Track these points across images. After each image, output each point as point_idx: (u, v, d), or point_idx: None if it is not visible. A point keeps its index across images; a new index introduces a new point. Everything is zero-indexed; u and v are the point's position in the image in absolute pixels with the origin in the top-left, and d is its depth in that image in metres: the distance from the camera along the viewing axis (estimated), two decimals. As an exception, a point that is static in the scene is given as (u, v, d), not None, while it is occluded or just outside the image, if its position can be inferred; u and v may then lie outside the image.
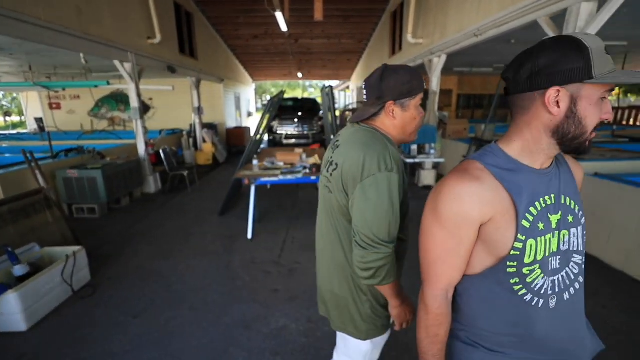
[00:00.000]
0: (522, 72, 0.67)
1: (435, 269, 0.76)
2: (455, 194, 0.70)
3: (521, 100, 0.70)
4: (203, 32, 8.41)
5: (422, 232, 0.77)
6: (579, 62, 0.62)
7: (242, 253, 3.39)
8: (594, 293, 2.62)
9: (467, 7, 4.26)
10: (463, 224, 0.70)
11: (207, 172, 7.37)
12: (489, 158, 0.73)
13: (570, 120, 0.66)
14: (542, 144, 0.70)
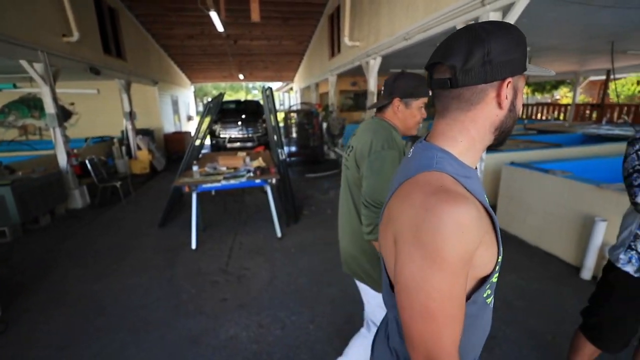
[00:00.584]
0: (474, 60, 0.56)
1: (448, 332, 0.54)
2: (460, 226, 0.51)
3: (470, 94, 0.59)
4: (131, 31, 7.77)
5: (414, 286, 0.53)
6: (523, 52, 0.58)
7: (186, 264, 3.21)
8: (514, 267, 2.97)
9: (397, 12, 4.54)
10: (468, 260, 0.54)
11: (143, 181, 6.83)
12: (450, 167, 0.60)
13: (511, 114, 0.62)
14: (485, 142, 0.64)
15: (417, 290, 0.53)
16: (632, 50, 6.24)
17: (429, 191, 0.54)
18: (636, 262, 1.31)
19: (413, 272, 0.53)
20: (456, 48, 0.57)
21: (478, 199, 0.59)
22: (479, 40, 0.56)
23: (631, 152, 1.28)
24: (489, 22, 0.59)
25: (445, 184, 0.56)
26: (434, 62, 0.61)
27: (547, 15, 3.68)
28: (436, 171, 0.58)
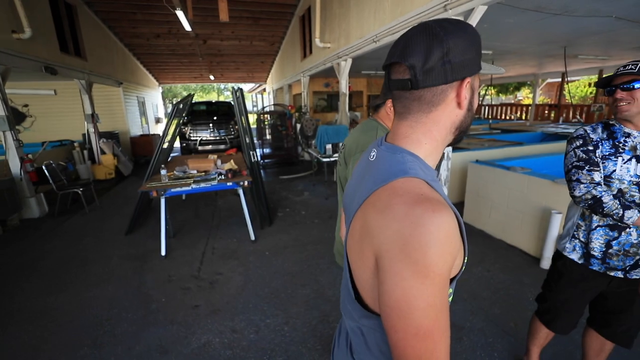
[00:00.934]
0: (434, 60, 0.54)
1: (443, 344, 0.51)
2: (447, 236, 0.49)
3: (431, 95, 0.57)
4: (92, 29, 7.37)
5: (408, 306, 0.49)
6: (478, 51, 0.58)
7: (156, 272, 3.09)
8: (480, 260, 3.11)
9: (366, 15, 4.63)
10: (451, 268, 0.52)
11: (109, 187, 6.50)
12: (422, 171, 0.58)
13: (469, 113, 0.61)
14: (446, 142, 0.63)
15: (410, 310, 0.49)
16: (582, 55, 6.74)
17: (410, 201, 0.51)
18: (580, 249, 1.42)
19: (405, 291, 0.49)
20: (415, 47, 0.55)
21: (448, 202, 0.57)
22: (438, 39, 0.54)
23: (569, 150, 1.38)
24: (446, 20, 0.56)
25: (424, 192, 0.53)
26: (392, 61, 0.59)
27: (505, 21, 3.89)
28: (411, 177, 0.55)
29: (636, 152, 1.27)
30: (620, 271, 1.35)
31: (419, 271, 0.48)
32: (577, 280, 1.45)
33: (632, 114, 1.25)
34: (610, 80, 1.28)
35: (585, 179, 1.30)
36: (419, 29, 0.57)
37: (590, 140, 1.34)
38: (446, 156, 3.25)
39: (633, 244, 1.31)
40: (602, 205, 1.25)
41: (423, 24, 0.57)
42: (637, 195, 1.27)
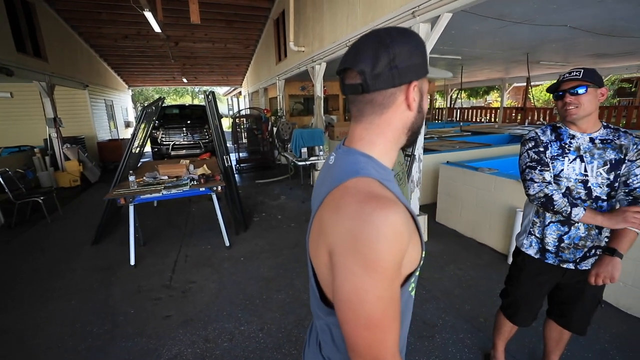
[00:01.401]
0: (381, 65, 0.58)
1: (392, 335, 0.55)
2: (395, 232, 0.52)
3: (382, 98, 0.61)
4: (53, 28, 6.99)
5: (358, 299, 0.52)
6: (424, 56, 0.62)
7: (124, 283, 2.95)
8: (453, 259, 3.21)
9: (339, 20, 4.69)
10: (401, 263, 0.55)
11: (74, 195, 6.16)
12: (375, 171, 0.61)
13: (419, 115, 0.65)
14: (399, 143, 0.67)
15: (360, 303, 0.52)
16: (543, 61, 7.14)
17: (361, 199, 0.54)
18: (536, 245, 1.50)
19: (355, 285, 0.52)
20: (364, 53, 0.59)
21: (400, 199, 0.60)
22: (384, 45, 0.58)
23: (523, 151, 1.46)
24: (393, 28, 0.61)
25: (375, 190, 0.56)
26: (344, 67, 0.62)
27: (471, 28, 4.07)
28: (363, 177, 0.58)
29: (580, 153, 1.36)
30: (571, 263, 1.43)
31: (367, 265, 0.51)
32: (535, 274, 1.53)
33: (579, 117, 1.34)
34: (558, 86, 1.37)
35: (538, 178, 1.38)
36: (369, 36, 0.61)
37: (540, 141, 1.42)
38: (417, 158, 3.34)
39: (582, 238, 1.40)
40: (553, 203, 1.33)
41: (373, 32, 0.61)
42: (583, 192, 1.36)
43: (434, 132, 8.11)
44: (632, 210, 1.24)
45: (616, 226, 1.26)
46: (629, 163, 1.32)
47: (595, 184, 1.35)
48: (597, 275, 1.29)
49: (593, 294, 1.49)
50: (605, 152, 1.34)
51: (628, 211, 1.25)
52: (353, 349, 0.55)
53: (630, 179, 1.31)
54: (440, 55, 6.02)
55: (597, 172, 1.35)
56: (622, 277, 2.33)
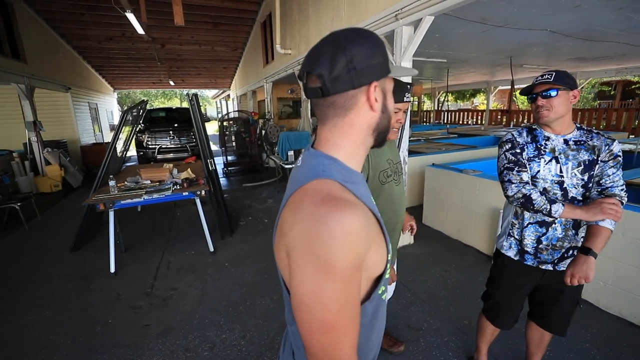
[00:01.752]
0: (339, 68, 0.58)
1: (347, 339, 0.54)
2: (349, 234, 0.51)
3: (343, 100, 0.61)
4: (32, 29, 6.80)
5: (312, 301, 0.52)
6: (384, 56, 0.61)
7: (103, 292, 2.86)
8: (438, 261, 3.21)
9: (324, 22, 4.69)
10: (359, 265, 0.54)
11: (55, 200, 5.98)
12: (338, 173, 0.61)
13: (384, 115, 0.65)
14: (366, 144, 0.67)
15: (313, 305, 0.51)
16: (526, 64, 7.29)
17: (318, 201, 0.54)
18: (515, 246, 1.50)
19: (308, 287, 0.51)
20: (322, 57, 0.58)
21: (365, 203, 0.60)
22: (341, 48, 0.58)
23: (501, 153, 1.47)
24: (350, 30, 0.60)
25: (333, 192, 0.56)
26: (304, 71, 0.61)
27: (454, 31, 4.11)
28: (324, 179, 0.58)
29: (555, 154, 1.37)
30: (550, 264, 1.44)
31: (321, 267, 0.50)
32: (515, 276, 1.53)
33: (551, 119, 1.35)
34: (531, 89, 1.38)
35: (516, 179, 1.38)
36: (327, 39, 0.60)
37: (517, 143, 1.43)
38: (402, 160, 3.33)
39: (559, 238, 1.40)
40: (532, 202, 1.33)
41: (331, 34, 0.61)
42: (559, 193, 1.37)
43: (421, 135, 8.18)
44: (608, 202, 1.26)
45: (594, 218, 1.27)
46: (602, 164, 1.34)
47: (571, 185, 1.36)
48: (572, 275, 1.29)
49: (571, 295, 1.49)
50: (579, 153, 1.36)
51: (604, 202, 1.27)
52: (309, 352, 0.54)
53: (603, 179, 1.33)
54: (426, 58, 6.08)
55: (572, 172, 1.36)
56: (602, 277, 2.36)
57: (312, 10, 5.04)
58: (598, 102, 15.86)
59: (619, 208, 1.26)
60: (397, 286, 2.75)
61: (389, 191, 1.45)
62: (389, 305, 2.48)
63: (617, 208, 1.26)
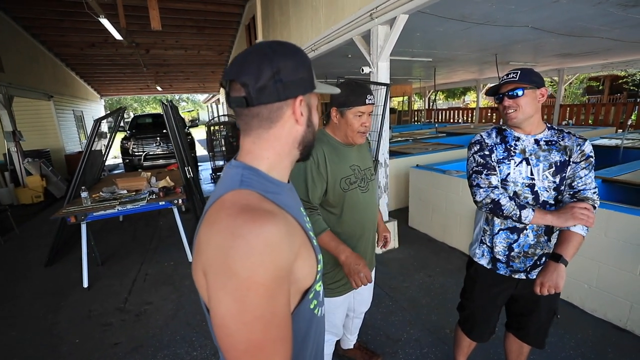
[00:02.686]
0: (265, 78, 0.56)
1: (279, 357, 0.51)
2: (270, 246, 0.49)
3: (268, 112, 0.59)
4: (11, 36, 6.64)
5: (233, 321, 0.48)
6: (309, 72, 0.62)
7: (73, 308, 2.74)
8: (423, 265, 3.13)
9: (304, 24, 4.61)
10: (285, 278, 0.52)
11: (35, 212, 5.82)
12: (258, 184, 0.59)
13: (310, 129, 0.65)
14: (291, 157, 0.66)
15: (236, 326, 0.47)
16: (513, 61, 7.27)
17: (235, 212, 0.51)
18: (487, 254, 1.42)
19: (228, 307, 0.47)
20: (247, 66, 0.57)
21: (290, 212, 0.58)
22: (267, 59, 0.57)
23: (469, 156, 1.39)
24: (277, 42, 0.60)
25: (251, 202, 0.54)
26: (228, 79, 0.59)
27: (435, 29, 4.05)
28: (242, 189, 0.56)
29: (525, 155, 1.30)
30: (522, 273, 1.36)
31: (240, 284, 0.47)
32: (489, 286, 1.45)
33: (520, 120, 1.27)
34: (497, 89, 1.30)
35: (484, 183, 1.31)
36: (253, 49, 0.59)
37: (486, 145, 1.35)
38: (384, 163, 3.26)
39: (531, 245, 1.33)
40: (501, 208, 1.25)
41: (257, 45, 0.61)
42: (530, 196, 1.29)
43: (409, 135, 8.12)
44: (580, 207, 1.19)
45: (565, 224, 1.20)
46: (574, 165, 1.26)
47: (542, 188, 1.29)
48: (541, 284, 1.21)
49: (547, 305, 1.41)
50: (550, 154, 1.28)
51: (575, 207, 1.19)
52: None
53: (575, 181, 1.26)
54: (412, 57, 6.03)
55: (543, 175, 1.29)
56: (586, 279, 2.29)
57: (292, 11, 4.97)
58: (587, 97, 15.97)
59: (590, 213, 1.19)
60: (378, 294, 2.67)
61: (353, 199, 1.39)
62: (368, 315, 2.40)
63: (588, 213, 1.18)
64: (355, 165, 1.42)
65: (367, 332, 2.23)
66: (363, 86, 1.34)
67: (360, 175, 1.42)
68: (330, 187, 1.33)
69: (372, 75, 3.13)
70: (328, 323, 1.53)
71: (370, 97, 1.34)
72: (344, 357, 1.99)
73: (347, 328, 1.87)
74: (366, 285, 1.34)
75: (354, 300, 1.72)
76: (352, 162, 1.41)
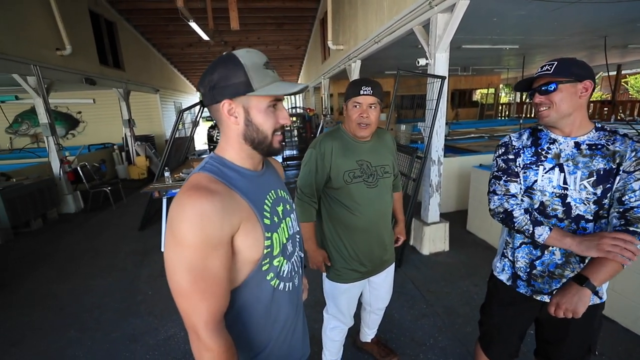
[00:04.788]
0: (205, 86, 0.71)
1: (204, 306, 0.64)
2: (200, 215, 0.62)
3: (213, 112, 0.74)
4: (131, 41, 8.10)
5: (171, 268, 0.64)
6: (242, 77, 0.70)
7: (152, 267, 3.33)
8: (470, 274, 2.90)
9: (370, 16, 4.54)
10: (217, 244, 0.64)
11: (140, 186, 7.07)
12: (216, 169, 0.72)
13: (250, 128, 0.73)
14: (245, 150, 0.75)
15: (173, 272, 0.64)
16: (632, 43, 5.94)
17: (185, 189, 0.66)
18: (508, 269, 1.28)
19: (169, 257, 0.64)
20: (202, 77, 0.73)
21: (240, 193, 0.71)
22: (209, 71, 0.72)
23: (493, 159, 1.26)
24: (221, 56, 0.73)
25: (200, 182, 0.68)
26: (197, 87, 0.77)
27: (514, 13, 3.59)
28: (200, 172, 0.72)
29: (559, 161, 1.12)
30: (547, 295, 1.19)
31: (176, 240, 0.62)
32: (507, 304, 1.31)
33: (553, 119, 1.10)
34: (531, 83, 1.15)
35: (501, 190, 1.18)
36: (211, 62, 0.74)
37: (512, 147, 1.21)
38: (437, 161, 3.08)
39: (558, 265, 1.15)
40: (513, 220, 1.13)
41: (218, 58, 0.74)
42: (560, 209, 1.11)
43: (488, 131, 7.33)
44: (611, 237, 0.97)
45: (585, 253, 1.01)
46: (625, 175, 1.03)
47: (578, 200, 1.09)
48: (557, 305, 1.02)
49: (580, 337, 1.21)
50: (592, 161, 1.07)
51: (605, 237, 0.98)
52: (180, 314, 0.66)
53: (626, 195, 1.02)
54: (492, 45, 5.42)
55: (581, 185, 1.09)
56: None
57: (360, 3, 4.93)
58: None
59: (631, 247, 0.94)
60: (413, 296, 2.59)
61: (355, 191, 1.43)
62: (398, 314, 2.36)
63: (624, 245, 0.94)
64: (364, 160, 1.45)
65: (391, 330, 2.21)
66: (364, 79, 1.38)
67: (368, 171, 1.45)
68: (334, 177, 1.42)
69: (429, 67, 2.97)
70: (333, 307, 1.62)
71: (367, 88, 1.34)
72: (361, 349, 2.02)
73: (364, 321, 1.90)
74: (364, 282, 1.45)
75: (370, 295, 1.74)
76: (360, 158, 1.44)
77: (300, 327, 0.93)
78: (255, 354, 0.80)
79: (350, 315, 1.64)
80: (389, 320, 2.27)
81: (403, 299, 2.55)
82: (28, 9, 4.73)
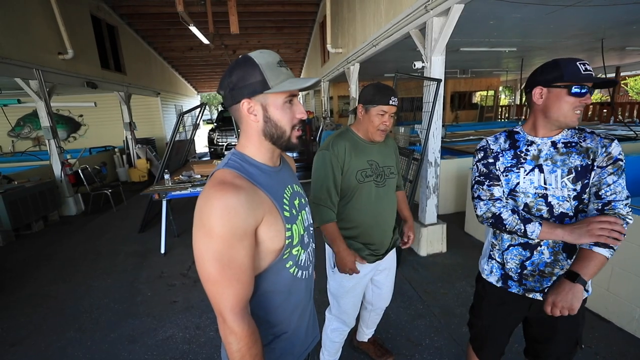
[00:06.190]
0: (225, 88, 0.77)
1: (230, 292, 0.70)
2: (226, 208, 0.67)
3: (234, 112, 0.79)
4: (132, 45, 8.18)
5: (200, 257, 0.69)
6: (258, 77, 0.74)
7: (151, 269, 3.35)
8: (468, 274, 2.92)
9: (367, 19, 4.59)
10: (243, 235, 0.69)
11: (140, 188, 7.09)
12: (239, 165, 0.78)
13: (269, 124, 0.78)
14: (265, 146, 0.81)
15: (203, 261, 0.69)
16: (630, 46, 5.97)
17: (211, 184, 0.71)
18: (497, 271, 1.29)
19: (199, 247, 0.69)
20: (221, 80, 0.80)
21: (262, 188, 0.76)
22: (227, 74, 0.77)
23: (473, 164, 1.28)
24: (237, 59, 0.77)
25: (225, 178, 0.73)
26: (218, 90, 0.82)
27: (510, 16, 3.62)
28: (224, 168, 0.77)
29: (539, 162, 1.14)
30: (538, 293, 1.21)
31: (205, 232, 0.68)
32: (497, 305, 1.33)
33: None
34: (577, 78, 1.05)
35: (485, 195, 1.20)
36: (229, 66, 0.79)
37: (490, 151, 1.22)
38: (434, 162, 3.11)
39: (547, 264, 1.17)
40: (504, 223, 1.15)
41: (234, 61, 0.79)
42: (544, 208, 1.13)
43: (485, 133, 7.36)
44: (597, 221, 1.01)
45: (579, 241, 1.04)
46: (599, 170, 1.06)
47: (560, 198, 1.11)
48: (553, 304, 1.05)
49: (567, 333, 1.23)
50: (569, 158, 1.10)
51: (593, 222, 1.01)
52: (210, 300, 0.72)
53: (602, 189, 1.06)
54: (490, 48, 5.46)
55: (562, 182, 1.11)
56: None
57: (358, 7, 4.98)
58: None
59: (617, 227, 0.99)
60: (410, 296, 2.61)
61: (366, 191, 1.50)
62: (395, 314, 2.38)
63: (611, 227, 0.99)
64: (373, 161, 1.51)
65: (388, 330, 2.23)
66: (390, 88, 1.43)
67: (377, 171, 1.51)
68: (347, 176, 1.47)
69: (425, 70, 3.00)
70: (337, 307, 1.65)
71: (394, 99, 1.41)
72: (358, 349, 2.04)
73: (364, 320, 1.92)
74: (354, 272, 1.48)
75: (372, 294, 1.77)
76: (370, 158, 1.50)
77: (313, 311, 1.01)
78: (276, 336, 0.86)
79: (354, 315, 1.67)
80: (385, 320, 2.29)
81: (400, 300, 2.57)
82: (30, 13, 4.79)
